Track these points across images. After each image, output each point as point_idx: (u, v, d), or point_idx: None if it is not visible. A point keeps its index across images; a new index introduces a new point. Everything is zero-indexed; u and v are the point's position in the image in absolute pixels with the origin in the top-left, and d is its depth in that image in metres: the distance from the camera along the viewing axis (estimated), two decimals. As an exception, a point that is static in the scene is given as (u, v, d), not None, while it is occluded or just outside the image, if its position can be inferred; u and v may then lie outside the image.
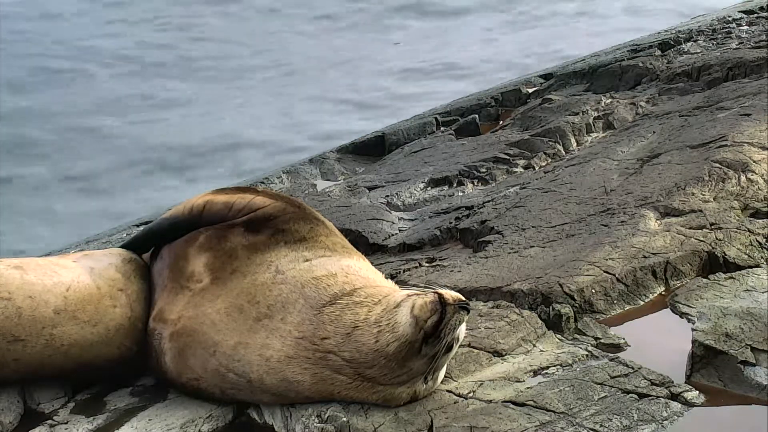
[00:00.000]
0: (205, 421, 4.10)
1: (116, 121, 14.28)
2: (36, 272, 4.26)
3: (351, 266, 4.15)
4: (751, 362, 4.08)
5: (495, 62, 16.34)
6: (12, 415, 4.23)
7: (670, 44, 9.73)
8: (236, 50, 17.64)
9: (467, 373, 4.20)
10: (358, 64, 16.80)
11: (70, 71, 16.49)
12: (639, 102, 8.22)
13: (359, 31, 18.72)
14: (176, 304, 4.26)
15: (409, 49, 17.61)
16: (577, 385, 4.01)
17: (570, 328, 4.57)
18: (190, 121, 14.43)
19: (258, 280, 4.11)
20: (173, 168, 12.82)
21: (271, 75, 16.41)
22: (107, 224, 9.30)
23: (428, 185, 7.37)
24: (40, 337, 4.15)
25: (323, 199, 7.35)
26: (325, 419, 3.91)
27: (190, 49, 17.77)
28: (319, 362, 3.91)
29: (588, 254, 5.08)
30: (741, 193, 5.63)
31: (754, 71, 8.06)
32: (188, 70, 16.63)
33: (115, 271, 4.42)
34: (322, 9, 20.03)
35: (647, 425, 3.76)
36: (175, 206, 4.66)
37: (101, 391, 4.44)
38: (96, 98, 15.14)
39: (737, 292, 4.65)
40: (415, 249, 6.13)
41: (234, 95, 15.41)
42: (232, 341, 4.04)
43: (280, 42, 18.10)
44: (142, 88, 15.75)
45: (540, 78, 10.23)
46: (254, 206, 4.36)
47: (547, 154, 7.56)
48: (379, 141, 9.15)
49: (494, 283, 5.00)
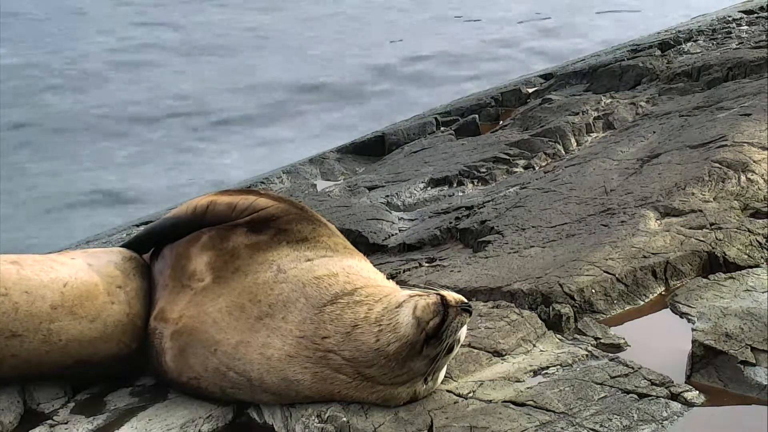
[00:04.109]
0: (205, 421, 4.10)
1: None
2: (33, 268, 4.27)
3: (352, 266, 4.16)
4: (751, 362, 4.09)
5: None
6: (12, 415, 4.23)
7: (670, 44, 9.74)
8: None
9: (467, 373, 4.20)
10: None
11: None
12: (639, 102, 8.23)
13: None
14: (177, 303, 4.26)
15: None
16: (577, 385, 4.01)
17: (570, 328, 4.57)
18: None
19: (260, 279, 4.12)
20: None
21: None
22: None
23: (428, 185, 7.37)
24: (37, 333, 4.16)
25: (323, 199, 7.35)
26: (325, 419, 3.91)
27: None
28: (320, 361, 3.91)
29: (588, 254, 5.08)
30: (741, 193, 5.63)
31: (754, 71, 8.06)
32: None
33: (114, 268, 4.43)
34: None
35: (647, 425, 3.76)
36: (178, 206, 4.67)
37: (101, 391, 4.44)
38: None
39: (737, 292, 4.65)
40: (415, 249, 6.13)
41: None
42: (233, 340, 4.04)
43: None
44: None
45: (540, 78, 10.23)
46: (257, 207, 4.37)
47: (547, 154, 7.56)
48: (379, 141, 9.15)
49: (494, 283, 5.00)
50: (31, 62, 16.40)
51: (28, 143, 12.82)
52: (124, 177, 11.78)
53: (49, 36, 18.12)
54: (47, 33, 18.32)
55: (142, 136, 13.22)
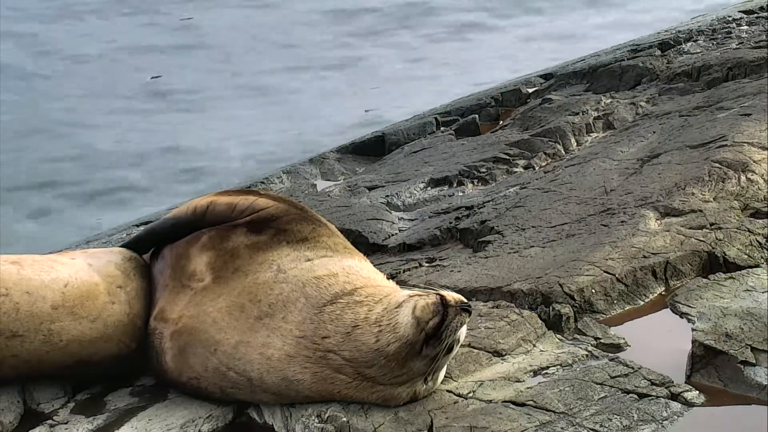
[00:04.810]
0: (205, 421, 4.10)
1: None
2: (33, 268, 4.27)
3: (352, 266, 4.16)
4: (751, 362, 4.09)
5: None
6: (12, 415, 4.23)
7: (670, 44, 9.72)
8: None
9: (467, 373, 4.20)
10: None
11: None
12: (639, 102, 8.22)
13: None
14: (177, 303, 4.27)
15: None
16: (577, 385, 4.01)
17: (570, 328, 4.57)
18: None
19: (260, 279, 4.12)
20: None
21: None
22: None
23: (428, 185, 7.37)
24: (38, 333, 4.16)
25: (323, 199, 7.35)
26: (325, 419, 3.91)
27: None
28: (320, 361, 3.91)
29: (588, 254, 5.08)
30: (741, 193, 5.63)
31: (754, 71, 8.05)
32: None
33: (114, 268, 4.43)
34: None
35: (647, 425, 3.76)
36: (178, 207, 4.67)
37: (101, 391, 4.44)
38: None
39: (737, 292, 4.66)
40: (415, 249, 6.13)
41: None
42: (233, 340, 4.04)
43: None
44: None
45: (540, 78, 10.22)
46: (257, 207, 4.37)
47: (547, 154, 7.55)
48: (379, 141, 9.14)
49: (494, 283, 5.00)
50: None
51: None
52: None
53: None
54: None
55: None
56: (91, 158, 12.21)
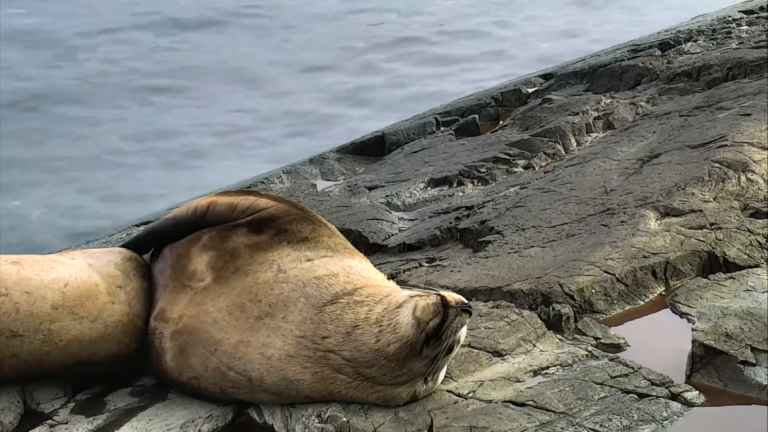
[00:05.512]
0: (205, 421, 4.10)
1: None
2: (33, 268, 4.27)
3: (353, 266, 4.16)
4: (751, 362, 4.09)
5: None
6: (12, 415, 4.23)
7: (670, 44, 9.73)
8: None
9: (467, 373, 4.20)
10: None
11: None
12: (639, 102, 8.22)
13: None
14: (178, 303, 4.27)
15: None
16: (577, 385, 4.01)
17: (570, 328, 4.57)
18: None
19: (260, 279, 4.12)
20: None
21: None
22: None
23: (428, 185, 7.37)
24: (38, 333, 4.16)
25: (323, 199, 7.35)
26: (325, 419, 3.91)
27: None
28: (320, 361, 3.92)
29: (588, 254, 5.08)
30: (741, 193, 5.63)
31: (754, 71, 8.05)
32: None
33: (114, 268, 4.43)
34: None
35: (647, 425, 3.77)
36: (178, 207, 4.68)
37: (101, 391, 4.45)
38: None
39: (737, 292, 4.66)
40: (415, 249, 6.13)
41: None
42: (233, 340, 4.04)
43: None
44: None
45: (540, 78, 10.22)
46: (258, 207, 4.37)
47: (547, 154, 7.56)
48: (379, 141, 9.14)
49: (494, 283, 5.00)
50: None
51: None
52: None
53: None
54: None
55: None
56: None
